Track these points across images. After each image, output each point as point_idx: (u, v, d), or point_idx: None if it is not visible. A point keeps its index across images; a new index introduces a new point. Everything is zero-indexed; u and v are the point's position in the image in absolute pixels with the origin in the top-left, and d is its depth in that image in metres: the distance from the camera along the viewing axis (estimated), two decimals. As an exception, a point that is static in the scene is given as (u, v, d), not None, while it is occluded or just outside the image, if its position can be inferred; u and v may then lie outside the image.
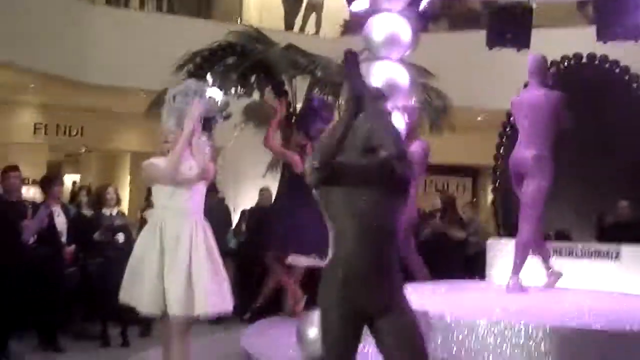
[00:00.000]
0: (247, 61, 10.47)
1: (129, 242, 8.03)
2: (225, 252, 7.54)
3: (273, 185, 8.72)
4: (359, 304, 3.11)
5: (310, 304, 6.64)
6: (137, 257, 4.50)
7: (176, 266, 4.36)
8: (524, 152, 6.86)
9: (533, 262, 7.33)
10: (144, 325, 7.86)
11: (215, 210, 6.94)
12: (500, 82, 11.39)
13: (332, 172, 3.14)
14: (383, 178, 3.16)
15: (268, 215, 6.93)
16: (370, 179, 3.14)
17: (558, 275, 7.30)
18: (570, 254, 8.19)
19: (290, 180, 6.70)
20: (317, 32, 14.85)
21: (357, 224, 3.14)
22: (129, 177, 16.38)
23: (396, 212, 3.22)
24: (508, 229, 10.23)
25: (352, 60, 3.29)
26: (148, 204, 8.32)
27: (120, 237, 7.58)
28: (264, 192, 10.29)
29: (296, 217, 6.29)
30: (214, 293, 4.40)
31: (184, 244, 4.39)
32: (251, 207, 10.65)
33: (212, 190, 6.55)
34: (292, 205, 6.47)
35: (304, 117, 6.67)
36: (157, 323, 6.78)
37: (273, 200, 7.02)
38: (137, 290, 4.43)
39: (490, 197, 10.91)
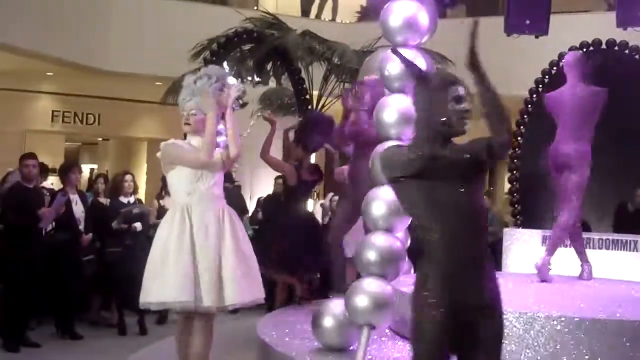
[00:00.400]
0: (264, 48, 10.45)
1: (147, 230, 8.07)
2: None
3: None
4: (459, 304, 2.82)
5: (324, 293, 6.67)
6: (161, 249, 4.18)
7: (207, 255, 4.15)
8: (566, 146, 6.92)
9: (566, 252, 7.30)
10: (161, 313, 7.89)
11: (231, 198, 6.90)
12: (519, 68, 11.31)
13: (434, 162, 2.90)
14: (481, 167, 3.04)
15: (266, 229, 7.03)
16: (468, 169, 2.96)
17: (590, 267, 7.24)
18: (588, 244, 8.13)
19: (285, 192, 6.87)
20: (333, 18, 14.79)
21: (456, 217, 2.86)
22: (145, 165, 16.44)
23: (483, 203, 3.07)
24: (525, 218, 10.16)
25: (398, 55, 3.37)
26: (163, 191, 8.31)
27: (138, 225, 7.59)
28: (279, 180, 10.28)
29: (289, 237, 6.44)
30: (245, 282, 4.23)
31: (213, 231, 4.19)
32: (267, 195, 10.65)
33: (227, 178, 6.54)
34: (284, 222, 6.63)
35: (302, 130, 6.70)
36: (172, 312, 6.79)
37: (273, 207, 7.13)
38: (166, 281, 4.10)
39: (507, 185, 10.82)
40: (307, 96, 10.78)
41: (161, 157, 4.34)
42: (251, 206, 11.36)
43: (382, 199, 4.36)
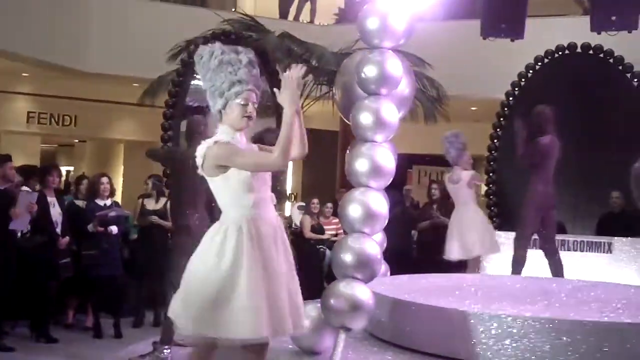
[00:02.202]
0: (242, 50, 10.42)
1: (124, 233, 8.04)
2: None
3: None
4: None
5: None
6: (225, 274, 3.32)
7: (279, 278, 3.43)
8: (551, 187, 7.38)
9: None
10: (137, 317, 7.86)
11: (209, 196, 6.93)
12: (495, 72, 11.38)
13: None
14: None
15: None
16: None
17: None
18: (563, 246, 8.21)
19: None
20: (311, 20, 14.80)
21: None
22: (122, 167, 16.35)
23: None
24: (501, 220, 10.23)
25: None
26: (155, 191, 8.20)
27: (114, 228, 7.55)
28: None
29: None
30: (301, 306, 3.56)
31: (276, 247, 3.47)
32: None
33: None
34: None
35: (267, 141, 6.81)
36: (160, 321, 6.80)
37: None
38: (240, 313, 3.27)
39: (483, 188, 10.89)
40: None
41: (213, 158, 3.38)
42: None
43: (358, 201, 4.37)
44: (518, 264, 7.29)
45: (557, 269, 7.39)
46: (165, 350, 5.63)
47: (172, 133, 9.26)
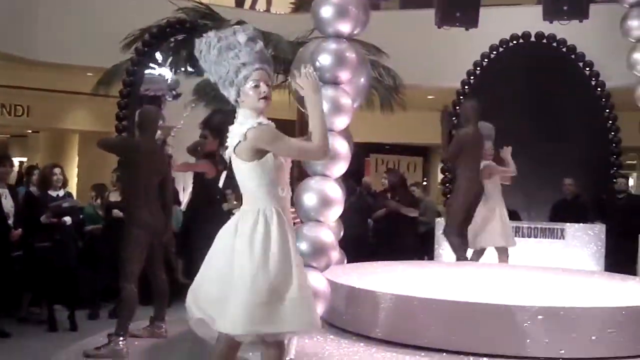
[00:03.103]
0: (197, 38, 10.33)
1: (78, 224, 7.92)
2: (173, 233, 7.52)
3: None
4: None
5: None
6: (277, 267, 3.20)
7: (303, 270, 3.37)
8: (476, 185, 7.50)
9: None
10: (93, 309, 7.77)
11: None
12: (451, 61, 11.47)
13: None
14: None
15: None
16: None
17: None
18: (518, 233, 8.33)
19: (206, 186, 6.95)
20: (267, 9, 14.74)
21: None
22: (77, 158, 16.13)
23: None
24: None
25: None
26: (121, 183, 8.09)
27: (68, 219, 7.43)
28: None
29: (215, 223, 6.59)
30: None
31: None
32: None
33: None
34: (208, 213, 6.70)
35: (222, 123, 6.85)
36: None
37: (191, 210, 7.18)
38: (286, 306, 3.20)
39: (440, 176, 10.99)
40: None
41: (255, 139, 3.24)
42: (184, 197, 11.25)
43: (313, 190, 4.37)
44: (456, 250, 7.40)
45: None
46: (120, 342, 5.59)
47: (127, 123, 9.15)
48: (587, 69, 10.46)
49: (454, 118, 9.50)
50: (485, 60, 10.87)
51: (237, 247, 3.25)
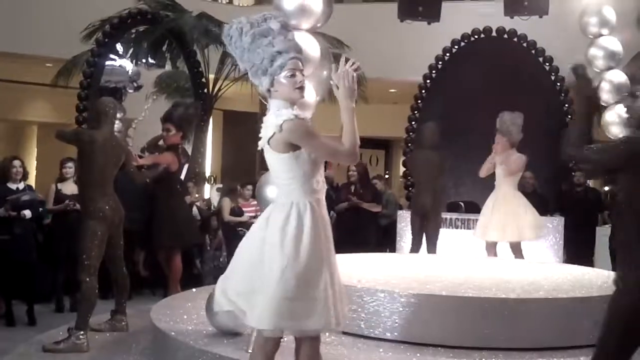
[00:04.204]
0: (158, 30, 10.26)
1: (38, 218, 7.80)
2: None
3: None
4: None
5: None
6: (307, 263, 3.11)
7: (337, 267, 3.31)
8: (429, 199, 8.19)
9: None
10: (57, 303, 7.68)
11: (126, 184, 6.83)
12: (413, 54, 11.53)
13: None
14: None
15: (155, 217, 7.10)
16: None
17: None
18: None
19: (168, 179, 6.99)
20: (230, 1, 14.67)
21: None
22: (36, 150, 15.90)
23: None
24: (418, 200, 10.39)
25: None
26: (63, 174, 7.97)
27: (27, 212, 7.32)
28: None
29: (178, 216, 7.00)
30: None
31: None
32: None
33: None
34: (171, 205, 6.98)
35: (184, 116, 6.89)
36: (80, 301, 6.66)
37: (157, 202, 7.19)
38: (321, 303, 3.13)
39: (402, 169, 11.05)
40: (203, 79, 10.67)
41: (289, 132, 3.15)
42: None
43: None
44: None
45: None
46: (81, 336, 5.54)
47: (87, 115, 9.04)
48: (547, 64, 10.59)
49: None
50: (447, 54, 10.95)
51: (268, 239, 3.18)
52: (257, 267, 3.18)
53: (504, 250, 7.58)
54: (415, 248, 8.14)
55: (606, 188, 13.89)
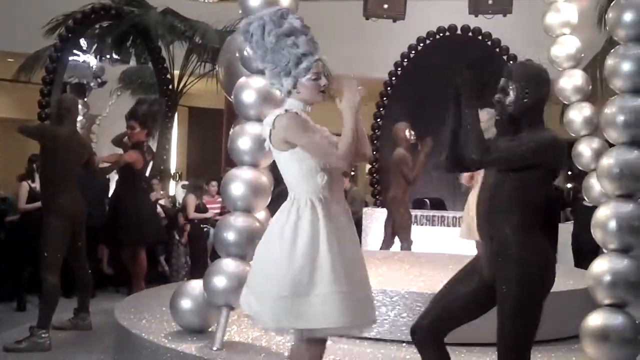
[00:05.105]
0: (123, 25, 10.17)
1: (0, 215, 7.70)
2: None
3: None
4: None
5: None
6: (303, 258, 3.01)
7: (357, 262, 3.17)
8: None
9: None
10: (19, 301, 7.57)
11: (86, 180, 6.76)
12: (378, 52, 11.56)
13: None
14: None
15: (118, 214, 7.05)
16: None
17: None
18: (443, 222, 8.47)
19: (133, 176, 6.93)
20: (195, -3, 14.58)
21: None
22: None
23: None
24: (384, 197, 10.44)
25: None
26: (30, 171, 7.87)
27: (-12, 209, 7.24)
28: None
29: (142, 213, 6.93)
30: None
31: (349, 231, 3.20)
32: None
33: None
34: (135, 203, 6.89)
35: (149, 114, 6.89)
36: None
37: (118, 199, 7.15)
38: (329, 303, 2.99)
39: (367, 166, 11.09)
40: (168, 75, 10.60)
41: (283, 129, 3.10)
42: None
43: (241, 180, 4.36)
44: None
45: None
46: (43, 335, 5.48)
47: (50, 111, 8.94)
48: (511, 62, 10.69)
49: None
50: (413, 52, 11.01)
51: (267, 237, 3.15)
52: (258, 268, 3.15)
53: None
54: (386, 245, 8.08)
55: (568, 185, 14.08)
